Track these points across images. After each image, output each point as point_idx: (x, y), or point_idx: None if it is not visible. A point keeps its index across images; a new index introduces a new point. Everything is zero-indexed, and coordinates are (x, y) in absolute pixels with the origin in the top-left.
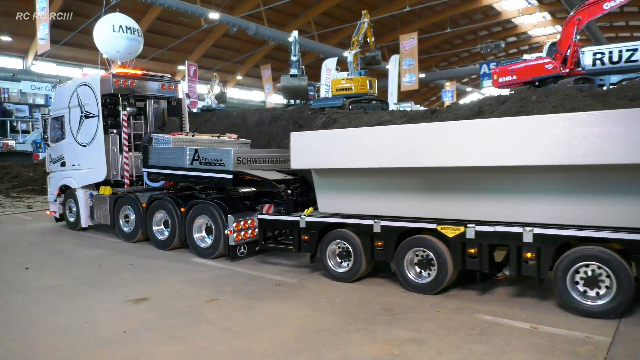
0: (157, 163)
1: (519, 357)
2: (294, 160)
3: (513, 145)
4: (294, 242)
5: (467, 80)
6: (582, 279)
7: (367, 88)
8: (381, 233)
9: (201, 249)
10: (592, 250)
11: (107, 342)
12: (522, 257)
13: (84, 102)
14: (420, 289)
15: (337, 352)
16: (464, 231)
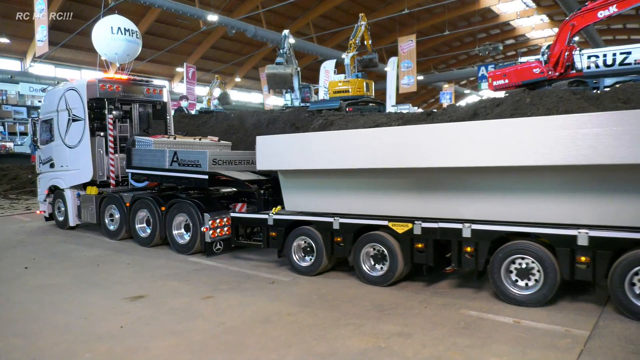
0: (139, 164)
1: (500, 349)
2: (259, 162)
3: (451, 148)
4: (263, 239)
5: (466, 82)
6: (516, 269)
7: (364, 90)
8: (340, 230)
9: (179, 246)
10: (524, 244)
11: (105, 336)
12: (463, 251)
13: (71, 106)
14: (374, 281)
15: (325, 345)
16: (412, 227)
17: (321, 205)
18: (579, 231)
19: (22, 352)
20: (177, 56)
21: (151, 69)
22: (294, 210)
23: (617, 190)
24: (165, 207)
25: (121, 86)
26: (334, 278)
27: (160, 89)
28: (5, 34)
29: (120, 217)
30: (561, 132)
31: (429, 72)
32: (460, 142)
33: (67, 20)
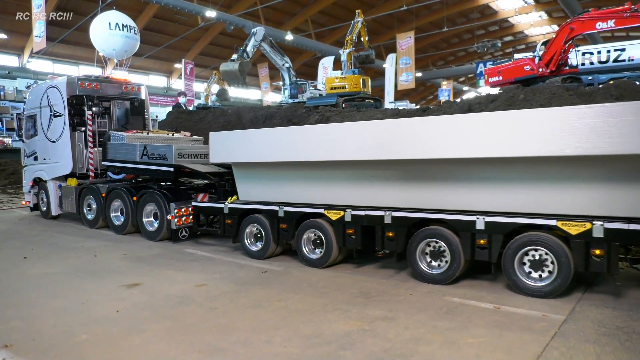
0: (114, 157)
1: (478, 331)
2: (212, 156)
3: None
4: (220, 226)
5: (464, 79)
6: (430, 252)
7: (360, 86)
8: (284, 217)
9: (149, 232)
10: (438, 229)
11: (102, 320)
12: (385, 236)
13: (52, 103)
14: (312, 263)
15: (312, 328)
16: (344, 215)
17: (270, 195)
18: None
19: (22, 334)
20: (175, 52)
21: (149, 65)
22: (247, 200)
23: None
24: (137, 197)
25: (100, 84)
26: (326, 270)
27: (138, 86)
28: (3, 30)
29: (97, 207)
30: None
31: (428, 69)
32: (385, 137)
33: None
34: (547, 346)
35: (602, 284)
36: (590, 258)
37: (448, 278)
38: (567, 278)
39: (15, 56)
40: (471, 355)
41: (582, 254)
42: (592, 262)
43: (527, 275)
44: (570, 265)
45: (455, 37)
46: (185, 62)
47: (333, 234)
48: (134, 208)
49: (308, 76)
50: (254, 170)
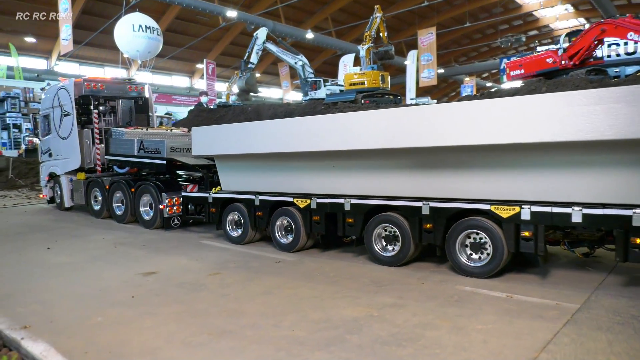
0: (115, 152)
1: (488, 318)
2: (194, 149)
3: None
4: (205, 214)
5: (487, 75)
6: (383, 237)
7: (379, 82)
8: (260, 205)
9: (145, 221)
10: (390, 216)
11: (117, 304)
12: (346, 222)
13: (62, 103)
14: (284, 248)
15: (321, 313)
16: (310, 203)
17: (248, 185)
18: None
19: (41, 316)
20: (197, 53)
21: (172, 66)
22: (229, 190)
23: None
24: (134, 189)
25: (105, 85)
26: (339, 259)
27: (142, 86)
28: (32, 34)
29: (102, 198)
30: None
31: (450, 65)
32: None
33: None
34: (558, 333)
35: (620, 274)
36: (520, 240)
37: (399, 261)
38: (501, 259)
39: (44, 59)
40: (478, 340)
41: (513, 236)
42: (522, 243)
43: (469, 257)
44: (503, 246)
45: (478, 33)
46: (206, 62)
47: (301, 221)
48: (132, 199)
49: (329, 74)
50: (234, 162)
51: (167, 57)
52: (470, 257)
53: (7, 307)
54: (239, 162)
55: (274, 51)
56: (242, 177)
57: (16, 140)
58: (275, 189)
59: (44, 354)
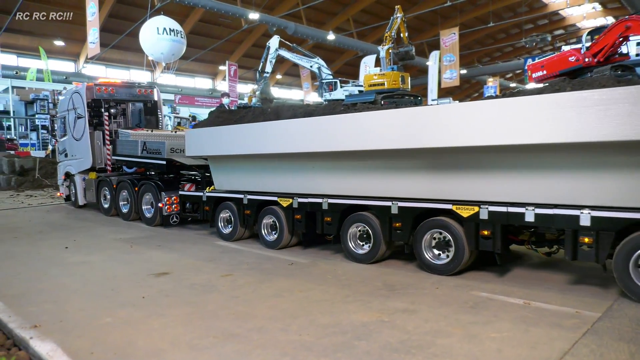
0: (121, 152)
1: (503, 326)
2: (187, 150)
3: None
4: (200, 212)
5: (511, 75)
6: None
7: (399, 83)
8: (248, 204)
9: (147, 219)
10: (363, 214)
11: (127, 304)
12: (324, 221)
13: (76, 106)
14: (269, 245)
15: (330, 318)
16: (292, 202)
17: (238, 185)
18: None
19: (51, 315)
20: (220, 55)
21: (195, 68)
22: (221, 189)
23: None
24: (138, 188)
25: (115, 88)
26: (353, 263)
27: (151, 89)
28: (61, 37)
29: (110, 197)
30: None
31: (473, 65)
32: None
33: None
34: (577, 343)
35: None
36: (479, 238)
37: (371, 258)
38: (463, 257)
39: (72, 62)
40: (492, 349)
41: (473, 234)
42: (481, 241)
43: (434, 255)
44: (464, 245)
45: (502, 32)
46: (229, 64)
47: (285, 219)
48: (135, 197)
49: (350, 75)
50: (225, 163)
51: (191, 59)
52: (435, 254)
53: (21, 305)
54: (230, 162)
55: (288, 57)
56: (233, 177)
57: (44, 141)
58: (263, 189)
59: (50, 354)
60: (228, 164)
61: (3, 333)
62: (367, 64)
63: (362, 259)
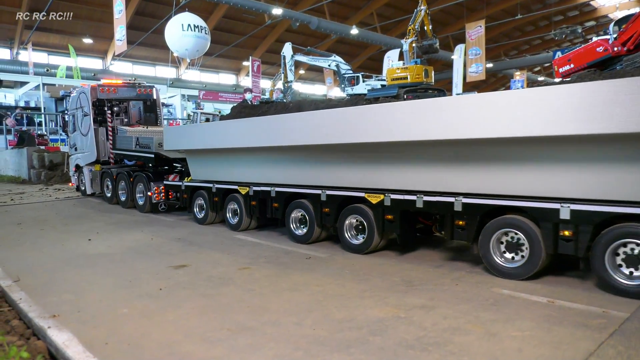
0: (119, 146)
1: (525, 324)
2: (165, 144)
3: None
4: (180, 199)
5: (540, 69)
6: (299, 219)
7: (422, 77)
8: (216, 192)
9: (139, 206)
10: (301, 202)
11: (144, 296)
12: (273, 206)
13: (82, 105)
14: (232, 227)
15: (345, 313)
16: (248, 190)
17: (209, 175)
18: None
19: (70, 306)
20: (243, 51)
21: (219, 64)
22: (197, 179)
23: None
24: (132, 179)
25: (117, 89)
26: (371, 256)
27: (150, 88)
28: (89, 35)
29: (112, 187)
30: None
31: (499, 59)
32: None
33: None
34: (603, 344)
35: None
36: (385, 222)
37: (307, 240)
38: (372, 239)
39: (100, 59)
40: (512, 348)
41: (381, 219)
42: (386, 224)
43: (352, 236)
44: (374, 228)
45: (530, 25)
46: (252, 60)
47: (244, 205)
48: (131, 187)
49: (374, 70)
50: (198, 156)
51: (215, 55)
52: (352, 236)
53: (42, 295)
54: (202, 156)
55: (304, 61)
56: (205, 169)
57: None
58: (228, 179)
59: (66, 344)
60: (201, 157)
61: (24, 322)
62: (390, 58)
63: (300, 240)
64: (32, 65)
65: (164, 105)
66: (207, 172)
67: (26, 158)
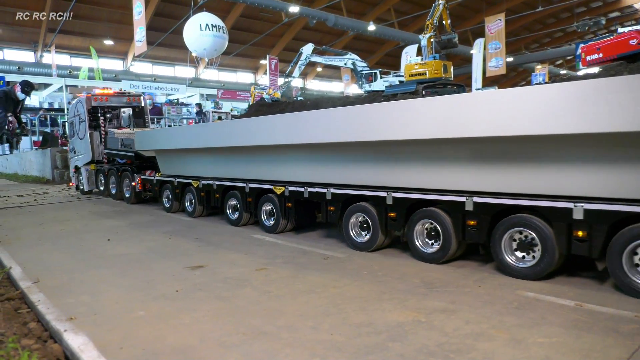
0: (109, 147)
1: (552, 330)
2: (136, 145)
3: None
4: (152, 191)
5: (562, 62)
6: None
7: (441, 72)
8: (177, 185)
9: (126, 197)
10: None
11: (160, 298)
12: (201, 196)
13: (79, 112)
14: (190, 214)
15: (363, 316)
16: (199, 184)
17: (173, 171)
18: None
19: (87, 307)
20: (261, 49)
21: (237, 63)
22: (165, 174)
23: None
24: (120, 173)
25: (109, 97)
26: (390, 256)
27: (139, 97)
28: (110, 37)
29: (104, 182)
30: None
31: (520, 52)
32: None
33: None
34: (636, 352)
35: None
36: (285, 208)
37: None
38: (279, 223)
39: (120, 60)
40: (539, 356)
41: (283, 205)
42: (286, 210)
43: (266, 219)
44: (279, 214)
45: (552, 17)
46: (269, 58)
47: (196, 196)
48: (119, 181)
49: (391, 66)
50: (165, 155)
51: (233, 54)
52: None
53: (60, 296)
54: (167, 154)
55: (320, 61)
56: (170, 165)
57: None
58: (188, 174)
59: (82, 348)
60: (166, 155)
61: (42, 324)
62: (408, 54)
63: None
64: (55, 68)
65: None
66: (172, 168)
67: (49, 158)
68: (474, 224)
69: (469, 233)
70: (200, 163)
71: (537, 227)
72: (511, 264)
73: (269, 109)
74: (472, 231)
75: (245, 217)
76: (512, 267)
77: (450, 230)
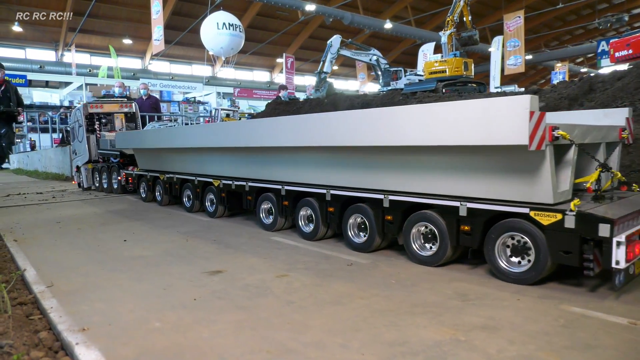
0: (102, 147)
1: (607, 354)
2: (117, 144)
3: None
4: (133, 184)
5: (582, 59)
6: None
7: (462, 70)
8: (149, 178)
9: (114, 189)
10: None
11: (177, 307)
12: (165, 187)
13: (78, 118)
14: (158, 203)
15: (396, 333)
16: (166, 177)
17: (149, 166)
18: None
19: (102, 317)
20: (277, 48)
21: (253, 61)
22: (142, 169)
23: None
24: (110, 170)
25: (104, 105)
26: (418, 265)
27: (130, 103)
28: (128, 36)
29: (99, 178)
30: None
31: (539, 50)
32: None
33: (179, 19)
34: None
35: None
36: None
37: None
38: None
39: (139, 59)
40: None
41: (222, 196)
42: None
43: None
44: (219, 202)
45: (572, 14)
46: (286, 57)
47: (163, 188)
48: (110, 176)
49: (407, 64)
50: (141, 152)
51: (249, 52)
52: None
53: (74, 303)
54: (143, 152)
55: (348, 55)
56: (146, 161)
57: None
58: (158, 168)
59: None
60: (143, 153)
61: (54, 334)
62: (425, 52)
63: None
64: (75, 66)
65: (200, 103)
66: (148, 163)
67: (69, 156)
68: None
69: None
70: (169, 159)
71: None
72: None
73: (286, 106)
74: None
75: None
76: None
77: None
